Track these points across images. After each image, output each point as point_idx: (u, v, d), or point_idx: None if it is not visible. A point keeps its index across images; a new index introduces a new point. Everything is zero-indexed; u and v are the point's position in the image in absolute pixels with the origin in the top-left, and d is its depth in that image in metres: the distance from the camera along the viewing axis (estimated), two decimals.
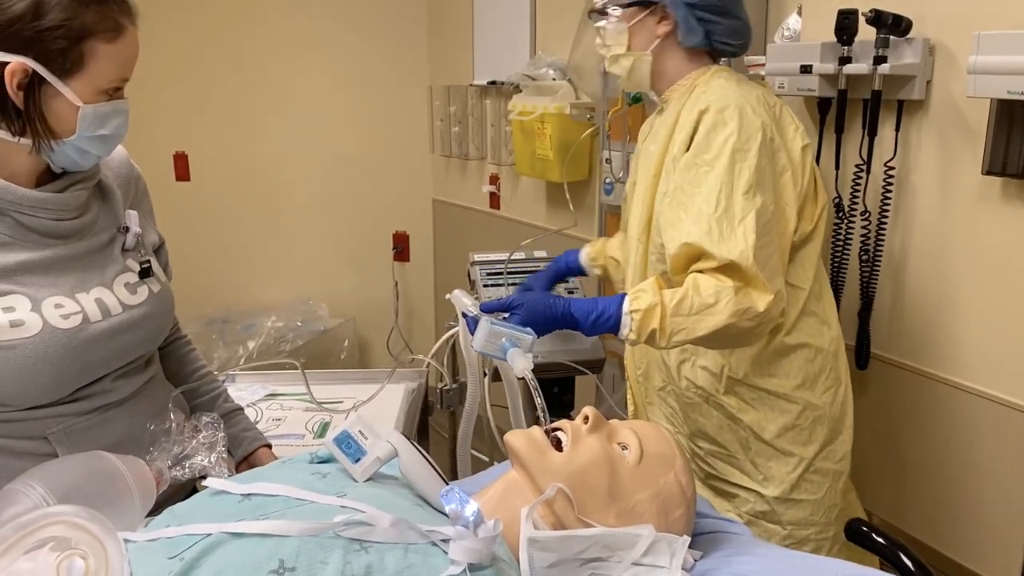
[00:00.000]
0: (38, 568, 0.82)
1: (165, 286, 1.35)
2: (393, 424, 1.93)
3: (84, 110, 1.14)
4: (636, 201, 1.68)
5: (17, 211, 1.17)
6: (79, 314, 1.19)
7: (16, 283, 1.16)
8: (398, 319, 4.14)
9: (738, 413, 1.58)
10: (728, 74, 1.57)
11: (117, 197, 1.32)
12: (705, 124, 1.45)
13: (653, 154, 1.60)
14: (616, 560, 0.99)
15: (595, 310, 1.42)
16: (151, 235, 1.39)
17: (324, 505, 0.93)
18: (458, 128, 3.67)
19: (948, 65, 1.74)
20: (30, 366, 1.14)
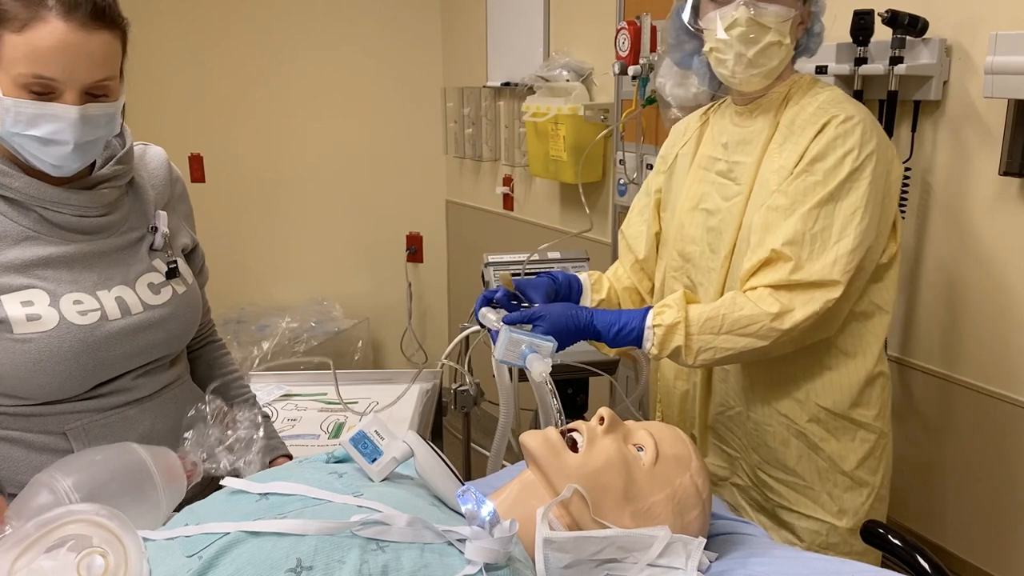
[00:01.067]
0: (58, 566, 0.83)
1: (192, 288, 1.34)
2: (408, 424, 1.94)
3: (3, 102, 1.08)
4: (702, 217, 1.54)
5: (42, 206, 1.18)
6: (97, 311, 1.19)
7: (37, 277, 1.16)
8: (412, 320, 4.15)
9: (820, 443, 1.48)
10: (830, 86, 1.48)
11: (149, 197, 1.32)
12: (828, 133, 1.36)
13: (743, 166, 1.48)
14: (631, 561, 0.99)
15: (617, 323, 1.38)
16: (183, 237, 1.37)
17: (341, 505, 0.94)
18: (472, 129, 3.68)
19: (965, 65, 1.74)
20: (45, 360, 1.15)
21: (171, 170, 1.39)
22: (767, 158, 1.44)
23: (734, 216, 1.47)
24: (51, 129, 1.10)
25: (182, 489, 1.14)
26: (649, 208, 1.69)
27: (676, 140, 1.66)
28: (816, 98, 1.43)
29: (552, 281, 1.58)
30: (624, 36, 2.44)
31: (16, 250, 1.16)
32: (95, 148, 1.17)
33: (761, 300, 1.35)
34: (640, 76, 2.41)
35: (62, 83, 1.08)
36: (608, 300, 1.69)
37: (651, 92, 2.35)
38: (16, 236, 1.17)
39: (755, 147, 1.46)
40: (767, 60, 1.41)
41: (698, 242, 1.54)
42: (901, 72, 1.75)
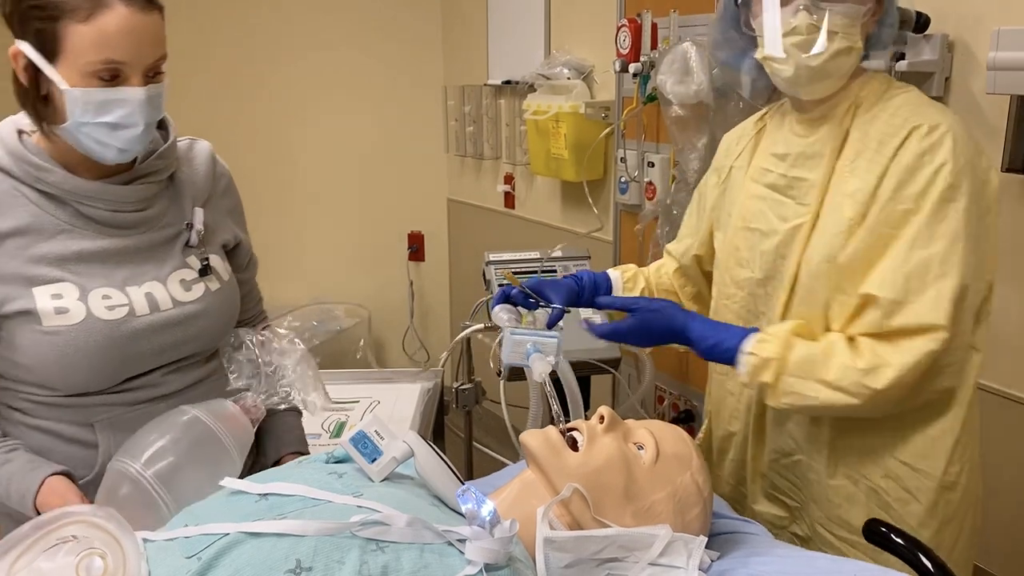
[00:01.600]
0: (57, 567, 0.83)
1: (227, 286, 1.33)
2: (409, 424, 1.94)
3: (70, 94, 1.11)
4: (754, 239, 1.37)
5: (76, 201, 1.20)
6: (125, 306, 1.21)
7: (68, 271, 1.19)
8: (413, 319, 4.14)
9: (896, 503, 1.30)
10: (906, 86, 1.29)
11: (188, 193, 1.32)
12: (911, 149, 1.18)
13: (806, 184, 1.31)
14: (633, 560, 0.98)
15: (714, 336, 1.27)
16: (223, 233, 1.36)
17: (341, 505, 0.94)
18: (473, 128, 3.68)
19: (967, 61, 1.73)
20: (71, 353, 1.17)
21: (215, 165, 1.39)
22: (837, 177, 1.26)
23: (798, 241, 1.29)
24: (122, 113, 1.13)
25: (250, 433, 1.17)
26: (702, 226, 1.54)
27: (730, 150, 1.50)
28: (891, 103, 1.25)
29: (575, 282, 1.50)
30: (625, 33, 2.43)
31: (51, 243, 1.18)
32: (152, 134, 1.20)
33: (855, 350, 1.20)
34: (641, 74, 2.40)
35: (129, 66, 1.12)
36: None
37: (652, 89, 2.35)
38: (52, 230, 1.19)
39: (821, 162, 1.29)
40: (835, 69, 1.23)
41: (751, 267, 1.37)
42: (903, 68, 1.74)
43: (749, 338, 1.24)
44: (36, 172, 1.18)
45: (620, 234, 2.80)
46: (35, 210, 1.19)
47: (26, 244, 1.17)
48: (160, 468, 1.09)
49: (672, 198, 2.35)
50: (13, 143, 1.19)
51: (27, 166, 1.18)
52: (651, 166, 2.50)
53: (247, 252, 1.44)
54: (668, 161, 2.45)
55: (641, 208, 2.55)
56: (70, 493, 1.15)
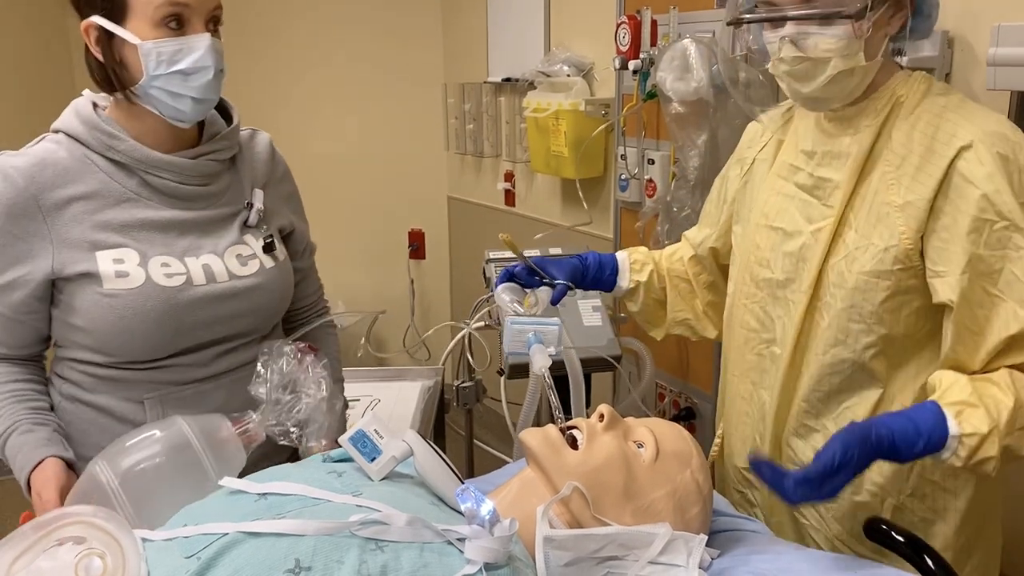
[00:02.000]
0: (57, 567, 0.83)
1: (282, 265, 1.37)
2: (409, 422, 1.94)
3: (143, 47, 1.17)
4: (777, 238, 1.32)
5: (144, 171, 1.25)
6: (183, 275, 1.25)
7: (131, 238, 1.24)
8: (414, 317, 4.14)
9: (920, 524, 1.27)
10: (946, 87, 1.24)
11: (249, 176, 1.37)
12: (979, 160, 1.11)
13: (831, 184, 1.26)
14: (632, 559, 0.98)
15: (921, 437, 1.07)
16: (280, 218, 1.41)
17: (340, 504, 0.93)
18: (473, 126, 3.67)
19: (967, 57, 1.72)
20: (128, 317, 1.21)
21: (274, 153, 1.45)
22: (880, 180, 1.20)
23: (820, 245, 1.25)
24: (193, 59, 1.19)
25: (242, 457, 1.15)
26: (722, 217, 1.49)
27: (753, 141, 1.44)
28: (935, 103, 1.19)
29: (580, 262, 1.47)
30: (624, 30, 2.43)
31: (116, 210, 1.24)
32: (220, 86, 1.25)
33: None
34: (641, 71, 2.40)
35: (192, 9, 1.18)
36: (649, 283, 1.55)
37: (652, 86, 2.34)
38: (118, 197, 1.25)
39: (848, 162, 1.23)
40: (836, 92, 1.19)
41: (773, 268, 1.33)
42: (902, 64, 1.73)
43: (948, 418, 1.09)
44: (108, 140, 1.24)
45: (620, 231, 2.79)
46: (104, 177, 1.24)
47: (93, 209, 1.23)
48: (132, 485, 1.07)
49: (672, 195, 2.34)
50: (87, 113, 1.25)
51: (99, 134, 1.24)
52: (651, 163, 2.49)
53: (303, 240, 1.49)
54: (668, 158, 2.44)
55: (641, 205, 2.54)
56: (56, 479, 1.18)
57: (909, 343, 1.23)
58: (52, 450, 1.22)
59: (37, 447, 1.22)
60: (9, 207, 1.21)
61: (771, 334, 1.35)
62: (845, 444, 1.03)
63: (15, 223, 1.21)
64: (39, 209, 1.21)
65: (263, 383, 1.19)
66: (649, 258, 1.58)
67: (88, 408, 1.29)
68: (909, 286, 1.19)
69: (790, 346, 1.30)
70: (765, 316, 1.36)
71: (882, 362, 1.24)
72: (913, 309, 1.21)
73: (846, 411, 1.27)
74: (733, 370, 1.45)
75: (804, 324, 1.28)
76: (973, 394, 1.10)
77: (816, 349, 1.28)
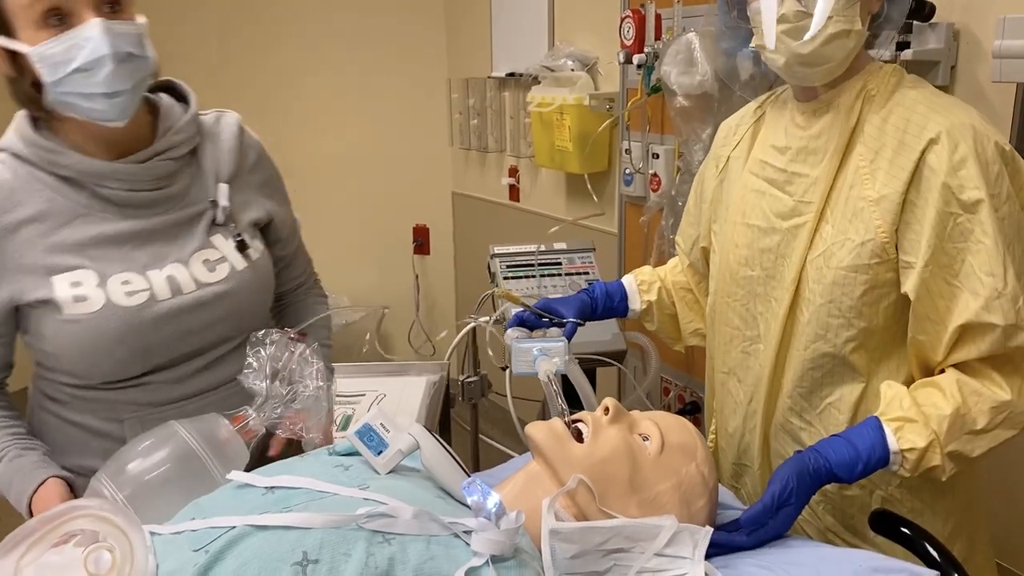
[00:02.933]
0: (65, 561, 0.83)
1: (257, 264, 1.29)
2: (415, 416, 1.94)
3: (32, 55, 1.08)
4: (753, 235, 1.33)
5: (92, 182, 1.18)
6: (146, 291, 1.19)
7: (87, 257, 1.17)
8: (419, 312, 4.15)
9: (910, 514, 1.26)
10: (919, 80, 1.24)
11: (212, 170, 1.28)
12: (945, 152, 1.12)
13: (806, 181, 1.26)
14: (638, 551, 0.98)
15: (860, 460, 1.12)
16: (253, 211, 1.32)
17: (347, 497, 0.94)
18: (477, 121, 3.67)
19: (973, 50, 1.72)
20: (91, 341, 1.16)
21: (242, 137, 1.34)
22: (855, 175, 1.20)
23: (800, 241, 1.25)
24: (85, 53, 1.08)
25: (244, 454, 1.11)
26: (703, 217, 1.50)
27: (728, 139, 1.45)
28: (905, 97, 1.20)
29: (587, 296, 1.47)
30: (628, 24, 2.43)
31: (68, 229, 1.17)
32: (137, 72, 1.13)
33: (991, 382, 1.15)
34: (645, 64, 2.39)
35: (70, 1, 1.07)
36: (660, 300, 1.57)
37: (656, 80, 2.34)
38: (69, 214, 1.18)
39: (824, 157, 1.23)
40: (832, 53, 1.17)
41: (753, 265, 1.33)
42: (908, 57, 1.73)
43: (887, 434, 1.13)
44: (50, 156, 1.17)
45: (625, 226, 2.79)
46: (51, 195, 1.17)
47: (44, 231, 1.16)
48: (139, 498, 1.04)
49: (677, 189, 2.34)
50: (26, 130, 1.18)
51: (41, 151, 1.17)
52: (656, 158, 2.49)
53: (284, 225, 1.40)
54: (673, 152, 2.44)
55: (646, 200, 2.54)
56: (60, 499, 1.15)
57: (889, 336, 1.24)
58: (51, 471, 1.18)
59: (34, 470, 1.18)
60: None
61: (754, 331, 1.35)
62: (783, 480, 1.10)
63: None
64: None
65: (256, 375, 1.13)
66: (655, 276, 1.59)
67: (70, 426, 1.25)
68: (886, 279, 1.20)
69: (775, 343, 1.30)
70: (747, 313, 1.36)
71: (863, 356, 1.24)
72: (891, 302, 1.21)
73: (829, 407, 1.28)
74: (720, 368, 1.45)
75: (787, 320, 1.29)
76: (912, 407, 1.15)
77: (798, 345, 1.28)
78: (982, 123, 1.16)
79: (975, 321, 1.12)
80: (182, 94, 1.29)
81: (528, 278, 2.16)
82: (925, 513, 1.27)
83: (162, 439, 1.09)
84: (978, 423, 1.14)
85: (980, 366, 1.16)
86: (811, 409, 1.29)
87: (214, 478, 1.07)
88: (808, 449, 1.15)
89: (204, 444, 1.09)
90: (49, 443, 1.26)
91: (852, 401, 1.26)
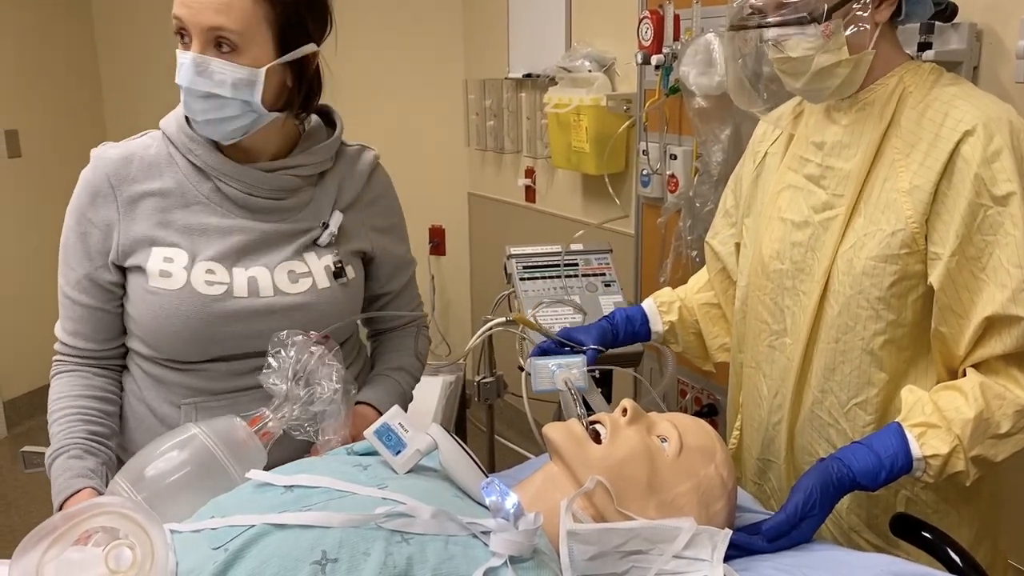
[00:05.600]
0: (86, 558, 0.84)
1: (343, 289, 1.33)
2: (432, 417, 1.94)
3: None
4: (786, 229, 1.33)
5: (217, 177, 1.27)
6: (225, 285, 1.25)
7: (188, 239, 1.26)
8: (435, 313, 4.15)
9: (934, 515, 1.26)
10: (956, 78, 1.24)
11: (334, 196, 1.35)
12: (978, 151, 1.11)
13: (839, 174, 1.26)
14: (657, 553, 0.98)
15: (883, 468, 1.11)
16: (360, 242, 1.38)
17: (365, 497, 0.94)
18: (493, 122, 3.67)
19: (996, 51, 1.70)
20: (163, 316, 1.23)
21: (372, 175, 1.43)
22: (889, 168, 1.20)
23: (832, 234, 1.25)
24: (179, 77, 1.18)
25: (262, 456, 1.13)
26: (739, 214, 1.50)
27: (766, 134, 1.45)
28: (944, 92, 1.19)
29: (608, 323, 1.48)
30: (647, 25, 2.42)
31: (184, 212, 1.27)
32: (223, 109, 1.20)
33: (1015, 384, 1.13)
34: (664, 65, 2.39)
35: (187, 24, 1.16)
36: (682, 320, 1.57)
37: (675, 81, 2.33)
38: (190, 198, 1.27)
39: (857, 152, 1.24)
40: (829, 83, 1.21)
41: (783, 259, 1.33)
42: (930, 58, 1.71)
43: (909, 441, 1.13)
44: (190, 144, 1.27)
45: (642, 227, 2.79)
46: (181, 178, 1.27)
47: (164, 207, 1.26)
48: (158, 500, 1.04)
49: (695, 190, 2.33)
50: (181, 116, 1.28)
51: (185, 138, 1.27)
52: (673, 159, 2.48)
53: (391, 264, 1.45)
54: (690, 153, 2.43)
55: (663, 201, 2.53)
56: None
57: (918, 333, 1.23)
58: (92, 482, 1.20)
59: (79, 476, 1.21)
60: (92, 194, 1.26)
61: (781, 325, 1.35)
62: (807, 490, 1.10)
63: (95, 210, 1.26)
64: (115, 199, 1.26)
65: (277, 376, 1.15)
66: (675, 296, 1.59)
67: (140, 404, 1.31)
68: (915, 271, 1.19)
69: (804, 337, 1.29)
70: (775, 307, 1.36)
71: (891, 353, 1.23)
72: (919, 295, 1.20)
73: (855, 407, 1.27)
74: (748, 362, 1.44)
75: (816, 314, 1.28)
76: (934, 412, 1.13)
77: (827, 339, 1.27)
78: (1019, 119, 1.15)
79: (1001, 314, 1.10)
80: (332, 120, 1.41)
81: (544, 279, 2.16)
82: (951, 515, 1.25)
83: (180, 442, 1.11)
84: (1002, 427, 1.12)
85: (1004, 366, 1.14)
86: (838, 406, 1.28)
87: (233, 480, 1.08)
88: (831, 458, 1.14)
89: (222, 446, 1.10)
90: (128, 426, 1.33)
91: (879, 402, 1.25)
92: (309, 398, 1.16)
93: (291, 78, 1.26)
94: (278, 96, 1.25)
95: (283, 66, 1.23)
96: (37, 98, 3.99)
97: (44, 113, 4.02)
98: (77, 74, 4.19)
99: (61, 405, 1.28)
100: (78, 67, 4.20)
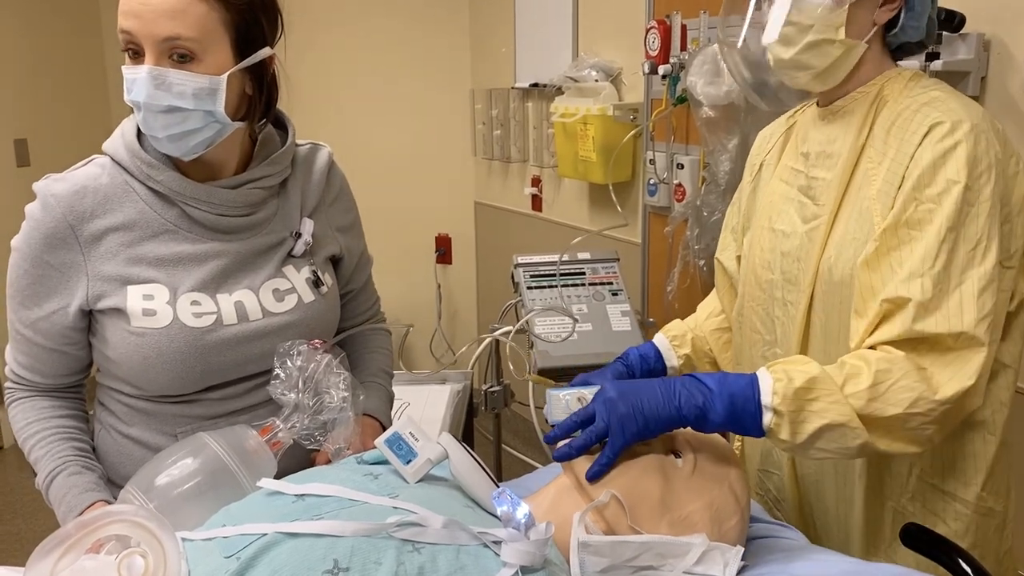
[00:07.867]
0: (100, 566, 0.84)
1: (324, 299, 1.30)
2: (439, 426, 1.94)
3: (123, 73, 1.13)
4: (776, 240, 1.33)
5: (183, 201, 1.20)
6: (213, 315, 1.20)
7: (164, 272, 1.19)
8: (441, 321, 4.15)
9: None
10: (936, 82, 1.23)
11: (298, 202, 1.31)
12: (932, 145, 1.11)
13: (823, 184, 1.27)
14: (668, 568, 0.97)
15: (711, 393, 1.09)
16: (330, 246, 1.35)
17: (377, 506, 0.94)
18: (500, 131, 3.68)
19: (1004, 61, 1.71)
20: (154, 356, 1.17)
21: (330, 174, 1.37)
22: (863, 177, 1.21)
23: (815, 243, 1.25)
24: (133, 94, 1.10)
25: (272, 465, 1.12)
26: (740, 227, 1.50)
27: (761, 147, 1.47)
28: (917, 99, 1.19)
29: (623, 365, 1.42)
30: (654, 35, 2.43)
31: (153, 243, 1.19)
32: (185, 122, 1.13)
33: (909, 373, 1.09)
34: (671, 75, 2.39)
35: (138, 37, 1.08)
36: (696, 351, 1.53)
37: (682, 91, 2.34)
38: (156, 228, 1.20)
39: (838, 160, 1.25)
40: (812, 62, 1.20)
41: (773, 269, 1.34)
42: (938, 68, 1.72)
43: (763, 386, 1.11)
44: (147, 169, 1.18)
45: (649, 236, 2.79)
46: (143, 207, 1.20)
47: (129, 241, 1.19)
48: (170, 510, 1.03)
49: (702, 200, 2.34)
50: (131, 139, 1.20)
51: (140, 163, 1.19)
52: (680, 168, 2.49)
53: (354, 260, 1.42)
54: (698, 163, 2.44)
55: (670, 210, 2.54)
56: None
57: None
58: (103, 495, 1.19)
59: (87, 491, 1.19)
60: (47, 237, 1.17)
61: (772, 335, 1.35)
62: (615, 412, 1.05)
63: (53, 253, 1.18)
64: (76, 240, 1.18)
65: (285, 386, 1.14)
66: (686, 328, 1.56)
67: (125, 439, 1.26)
68: None
69: (794, 347, 1.29)
70: (767, 317, 1.36)
71: None
72: None
73: None
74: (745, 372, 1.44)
75: (805, 324, 1.27)
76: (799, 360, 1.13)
77: (816, 347, 1.27)
78: (991, 126, 1.14)
79: (893, 295, 1.10)
80: (283, 122, 1.33)
81: (551, 288, 2.16)
82: (938, 526, 1.23)
83: (191, 451, 1.10)
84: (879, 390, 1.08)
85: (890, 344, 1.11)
86: None
87: (244, 489, 1.08)
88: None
89: (233, 455, 1.09)
90: (107, 459, 1.28)
91: None
92: (318, 407, 1.16)
93: (250, 84, 1.20)
94: (239, 104, 1.19)
95: (242, 72, 1.17)
96: (46, 108, 4.02)
97: (53, 123, 4.04)
98: (86, 84, 4.22)
99: (35, 429, 1.23)
100: (87, 77, 4.22)
